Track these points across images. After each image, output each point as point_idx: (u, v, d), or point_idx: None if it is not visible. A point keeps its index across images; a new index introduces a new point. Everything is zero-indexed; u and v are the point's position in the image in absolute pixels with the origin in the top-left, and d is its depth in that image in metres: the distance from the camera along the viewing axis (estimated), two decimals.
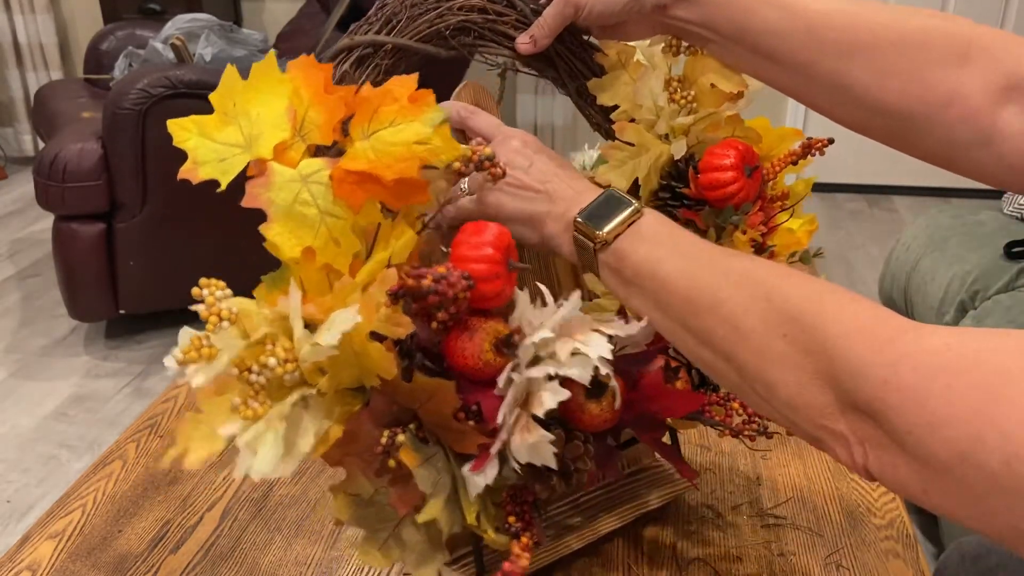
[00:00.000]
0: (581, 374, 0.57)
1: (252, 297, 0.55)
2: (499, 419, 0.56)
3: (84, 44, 3.08)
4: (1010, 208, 1.64)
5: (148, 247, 2.24)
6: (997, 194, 3.24)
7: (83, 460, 1.96)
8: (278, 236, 0.54)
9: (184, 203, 2.11)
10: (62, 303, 2.33)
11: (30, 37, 3.58)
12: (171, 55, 2.57)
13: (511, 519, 0.62)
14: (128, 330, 2.47)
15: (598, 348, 0.57)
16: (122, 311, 2.32)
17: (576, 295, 0.60)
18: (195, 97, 2.09)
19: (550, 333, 0.57)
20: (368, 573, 0.74)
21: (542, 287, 0.62)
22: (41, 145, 3.51)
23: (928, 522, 1.64)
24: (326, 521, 0.82)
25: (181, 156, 0.57)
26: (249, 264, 0.64)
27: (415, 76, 0.58)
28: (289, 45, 2.97)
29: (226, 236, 1.95)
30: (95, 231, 2.22)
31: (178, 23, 2.72)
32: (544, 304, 0.61)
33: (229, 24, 2.80)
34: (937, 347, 0.42)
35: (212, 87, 0.57)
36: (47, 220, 3.12)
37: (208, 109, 0.58)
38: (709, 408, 0.71)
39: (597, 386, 0.60)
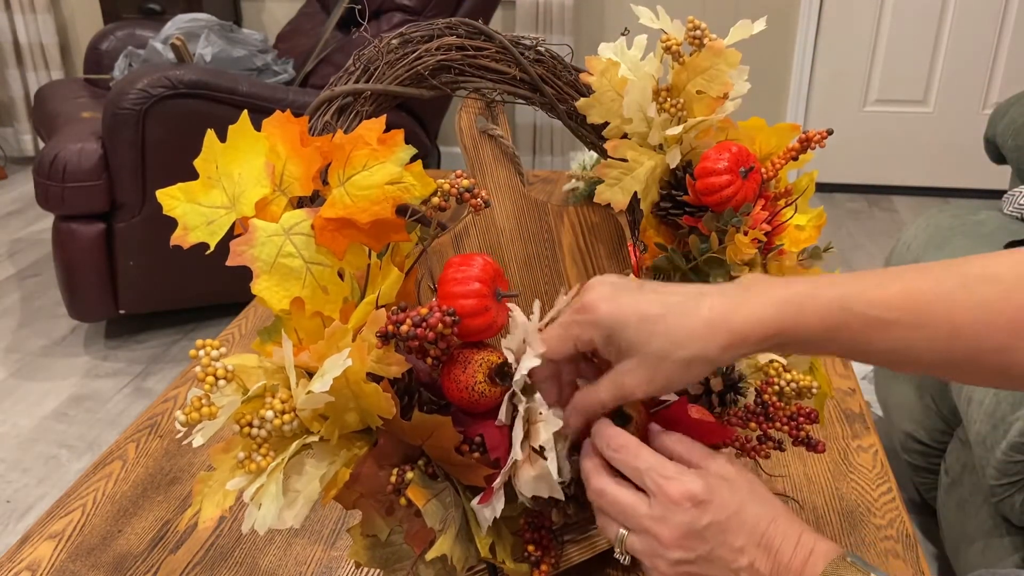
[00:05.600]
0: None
1: (254, 297, 0.55)
2: (512, 456, 0.56)
3: (84, 44, 3.08)
4: (1010, 208, 1.64)
5: (148, 247, 2.24)
6: (997, 194, 3.24)
7: (83, 460, 1.96)
8: (265, 290, 0.55)
9: None
10: (62, 303, 2.33)
11: (30, 37, 3.58)
12: (171, 55, 2.57)
13: (530, 547, 0.62)
14: (128, 330, 2.47)
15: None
16: (122, 311, 2.32)
17: (536, 306, 0.60)
18: (195, 97, 2.09)
19: (536, 361, 0.57)
20: (368, 574, 0.74)
21: (513, 307, 0.62)
22: (41, 145, 3.51)
23: (928, 522, 1.64)
24: (326, 521, 0.82)
25: (181, 155, 0.58)
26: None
27: (383, 118, 0.58)
28: (289, 45, 2.97)
29: (225, 235, 1.94)
30: (95, 231, 2.22)
31: (178, 23, 2.72)
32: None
33: (229, 24, 2.80)
34: None
35: (212, 87, 0.58)
36: (47, 220, 3.13)
37: (207, 108, 0.59)
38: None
39: (619, 417, 0.60)
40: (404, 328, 0.54)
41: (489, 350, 0.59)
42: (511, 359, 0.59)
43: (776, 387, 0.70)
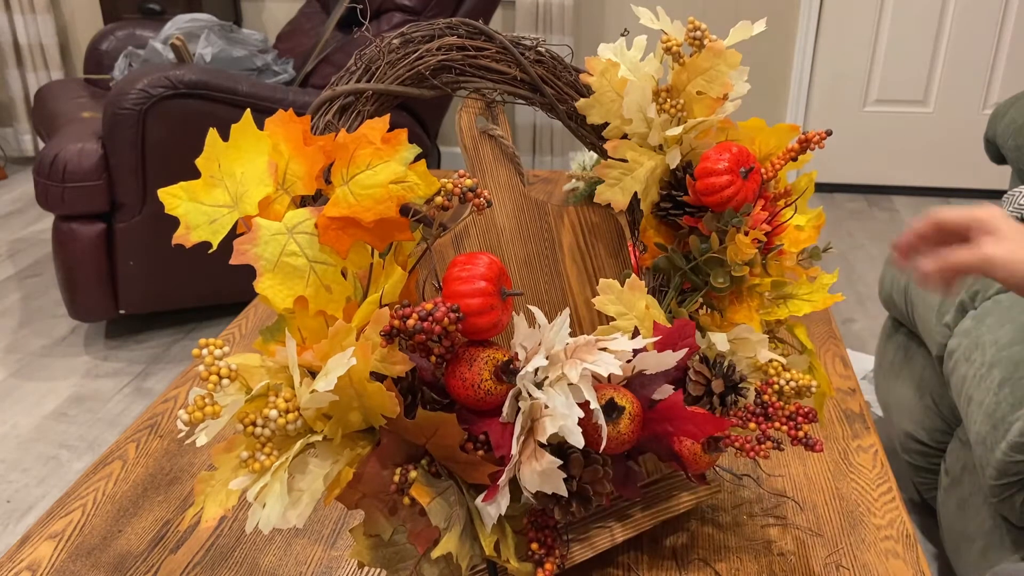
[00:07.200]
0: (565, 411, 0.56)
1: (256, 295, 0.55)
2: (513, 451, 0.56)
3: (84, 44, 3.08)
4: (1010, 208, 1.64)
5: (148, 247, 2.24)
6: (997, 194, 3.24)
7: (83, 460, 1.96)
8: (269, 289, 0.55)
9: None
10: (62, 303, 2.33)
11: (30, 37, 3.58)
12: (171, 55, 2.57)
13: (534, 546, 0.62)
14: (128, 330, 2.47)
15: (608, 366, 0.57)
16: (122, 311, 2.32)
17: (565, 313, 0.60)
18: (195, 97, 2.08)
19: (544, 361, 0.57)
20: (368, 574, 0.74)
21: (535, 309, 0.62)
22: (41, 145, 3.51)
23: (928, 522, 1.64)
24: (326, 521, 0.82)
25: (181, 155, 0.58)
26: (248, 264, 0.64)
27: (387, 117, 0.58)
28: (289, 45, 2.97)
29: (226, 235, 1.94)
30: (95, 231, 2.22)
31: (178, 23, 2.72)
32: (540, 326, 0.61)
33: (229, 24, 2.80)
34: None
35: (212, 87, 0.58)
36: (47, 220, 3.12)
37: (207, 108, 0.59)
38: (728, 433, 0.68)
39: (612, 408, 0.60)
40: (411, 322, 0.54)
41: (494, 348, 0.59)
42: (522, 355, 0.59)
43: (776, 387, 0.70)
